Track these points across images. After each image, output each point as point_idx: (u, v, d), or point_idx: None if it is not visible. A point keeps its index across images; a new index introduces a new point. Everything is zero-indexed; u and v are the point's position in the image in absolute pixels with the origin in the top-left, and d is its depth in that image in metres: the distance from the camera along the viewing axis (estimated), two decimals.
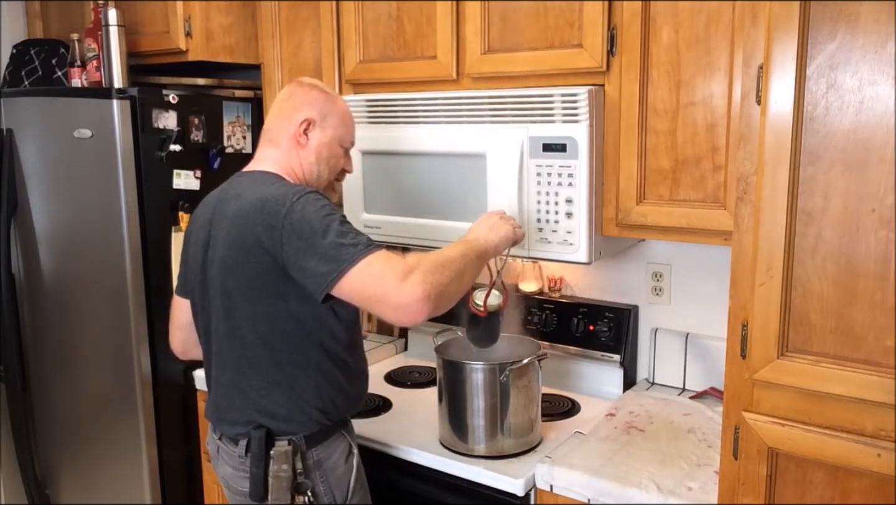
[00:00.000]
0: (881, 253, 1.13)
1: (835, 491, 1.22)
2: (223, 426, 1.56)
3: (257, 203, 1.41)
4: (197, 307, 1.59)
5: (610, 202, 1.73)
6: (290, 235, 1.35)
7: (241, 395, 1.51)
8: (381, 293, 1.30)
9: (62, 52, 2.61)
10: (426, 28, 1.95)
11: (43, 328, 2.54)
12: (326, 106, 1.57)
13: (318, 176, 1.58)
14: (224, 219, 1.47)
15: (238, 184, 1.53)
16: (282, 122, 1.56)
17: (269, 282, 1.41)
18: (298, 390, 1.48)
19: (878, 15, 1.10)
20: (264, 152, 1.57)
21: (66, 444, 2.56)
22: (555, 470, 1.59)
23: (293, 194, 1.39)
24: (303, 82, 1.61)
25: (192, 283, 1.59)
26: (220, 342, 1.53)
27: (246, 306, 1.45)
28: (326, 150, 1.57)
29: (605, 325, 2.02)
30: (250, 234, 1.40)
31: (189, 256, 1.60)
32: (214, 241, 1.49)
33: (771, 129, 1.20)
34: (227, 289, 1.46)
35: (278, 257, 1.37)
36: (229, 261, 1.45)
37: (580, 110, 1.65)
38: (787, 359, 1.23)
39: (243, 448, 1.50)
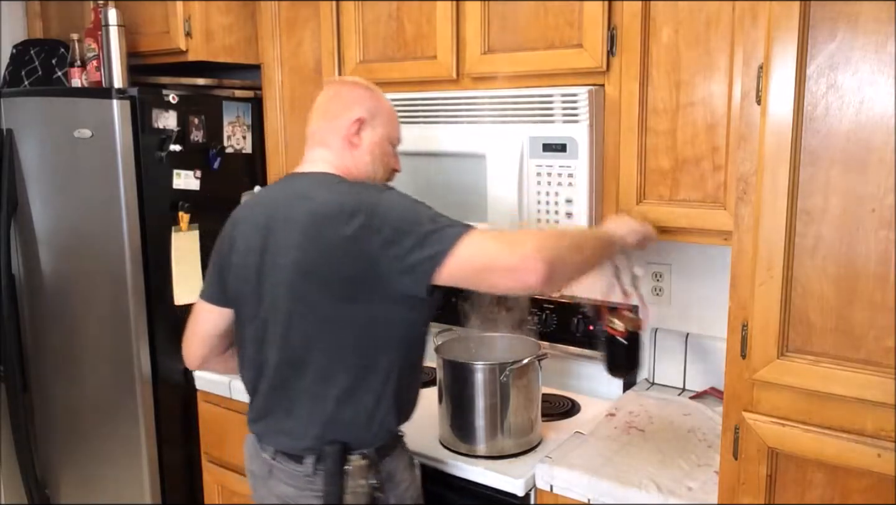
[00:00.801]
0: (881, 253, 1.13)
1: (835, 491, 1.22)
2: (284, 441, 1.45)
3: (337, 203, 1.35)
4: (245, 317, 1.49)
5: (610, 202, 1.73)
6: (385, 232, 1.29)
7: (314, 405, 1.40)
8: (490, 261, 1.25)
9: (62, 52, 2.61)
10: (426, 28, 1.95)
11: (43, 328, 2.54)
12: (374, 103, 1.51)
13: (374, 176, 1.52)
14: (291, 222, 1.38)
15: (297, 186, 1.46)
16: (330, 122, 1.49)
17: (358, 284, 1.33)
18: (376, 398, 1.39)
19: (878, 15, 1.10)
20: (316, 154, 1.50)
21: (66, 444, 2.56)
22: (555, 470, 1.59)
23: (375, 191, 1.37)
24: (346, 81, 1.55)
25: (240, 291, 1.48)
26: (284, 353, 1.42)
27: (328, 312, 1.36)
28: (379, 148, 1.51)
29: None
30: (334, 237, 1.32)
31: (232, 263, 1.49)
32: (277, 246, 1.40)
33: (771, 129, 1.20)
34: (302, 295, 1.37)
35: (371, 257, 1.30)
36: (307, 265, 1.35)
37: (580, 110, 1.65)
38: (787, 359, 1.23)
39: (310, 465, 1.41)
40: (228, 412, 2.25)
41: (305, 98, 2.30)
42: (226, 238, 1.53)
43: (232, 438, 2.26)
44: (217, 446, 2.33)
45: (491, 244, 1.27)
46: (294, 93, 2.34)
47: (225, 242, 1.53)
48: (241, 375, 1.57)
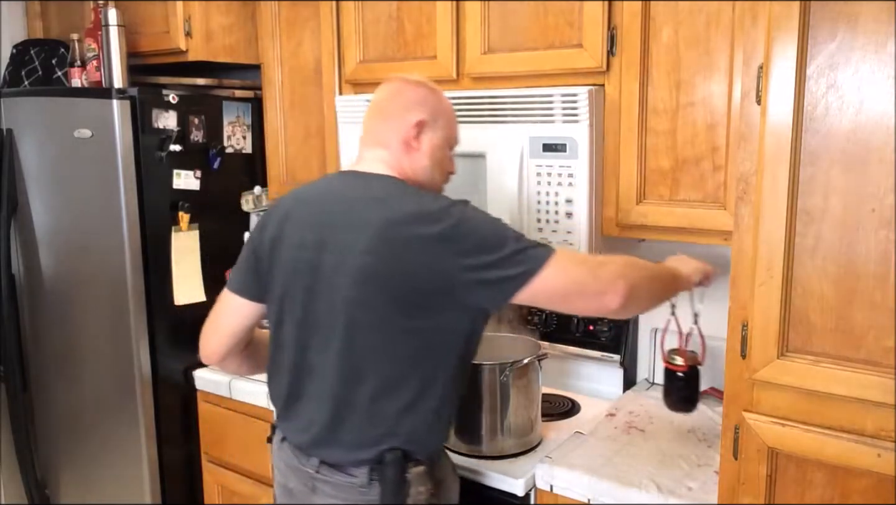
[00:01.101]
0: (881, 253, 1.13)
1: (835, 491, 1.22)
2: (333, 453, 1.39)
3: (417, 211, 1.31)
4: (284, 316, 1.42)
5: (610, 202, 1.73)
6: (468, 244, 1.27)
7: (373, 418, 1.35)
8: (575, 286, 1.29)
9: (62, 52, 2.61)
10: (426, 28, 1.95)
11: (43, 328, 2.54)
12: (436, 105, 1.46)
13: (432, 180, 1.47)
14: (363, 226, 1.31)
15: (364, 186, 1.39)
16: (389, 123, 1.43)
17: (429, 294, 1.29)
18: (434, 407, 1.36)
19: (878, 15, 1.10)
20: (371, 153, 1.44)
21: (66, 444, 2.56)
22: (555, 470, 1.59)
23: (450, 204, 1.33)
24: (408, 80, 1.48)
25: (283, 289, 1.41)
26: (334, 359, 1.36)
27: (395, 321, 1.31)
28: (439, 152, 1.46)
29: (605, 325, 2.02)
30: (410, 244, 1.28)
31: (278, 259, 1.42)
32: (343, 248, 1.33)
33: (771, 129, 1.20)
34: (368, 301, 1.31)
35: (448, 267, 1.27)
36: (377, 272, 1.30)
37: (580, 110, 1.65)
38: (787, 359, 1.23)
39: (365, 475, 1.36)
40: (228, 412, 2.25)
41: (305, 98, 2.31)
42: (269, 230, 1.45)
43: (232, 438, 2.26)
44: (217, 446, 2.33)
45: (576, 269, 1.30)
46: (294, 93, 2.34)
47: (267, 235, 1.45)
48: (273, 377, 1.49)
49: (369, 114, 1.47)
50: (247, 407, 2.19)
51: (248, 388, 2.16)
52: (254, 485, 2.22)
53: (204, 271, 2.34)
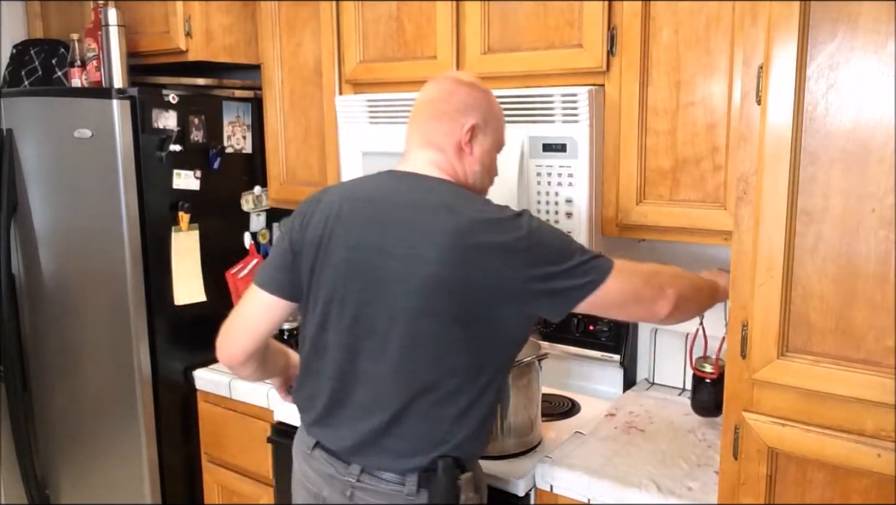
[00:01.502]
0: (881, 253, 1.13)
1: (835, 491, 1.22)
2: (380, 459, 1.35)
3: (484, 221, 1.28)
4: (330, 319, 1.37)
5: (610, 202, 1.73)
6: (537, 254, 1.27)
7: (425, 425, 1.33)
8: (633, 295, 1.35)
9: (62, 52, 2.61)
10: (426, 28, 1.95)
11: (43, 328, 2.54)
12: (488, 108, 1.43)
13: (482, 185, 1.46)
14: (432, 233, 1.28)
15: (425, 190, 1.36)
16: (443, 125, 1.39)
17: (494, 304, 1.28)
18: (479, 416, 1.35)
19: (878, 15, 1.10)
20: (422, 154, 1.41)
21: (66, 444, 2.56)
22: (555, 470, 1.59)
23: (516, 214, 1.32)
24: (461, 80, 1.44)
25: (332, 291, 1.36)
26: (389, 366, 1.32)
27: (457, 330, 1.29)
28: (488, 157, 1.45)
29: (605, 325, 2.02)
30: (482, 256, 1.26)
31: (325, 260, 1.37)
32: (402, 252, 1.29)
33: (771, 129, 1.20)
34: (438, 312, 1.28)
35: (516, 281, 1.26)
36: (448, 282, 1.26)
37: (580, 110, 1.65)
38: (787, 359, 1.23)
39: (414, 483, 1.33)
40: (228, 412, 2.25)
41: (305, 98, 2.31)
42: (314, 228, 1.39)
43: (232, 438, 2.26)
44: (217, 446, 2.33)
45: (635, 279, 1.35)
46: (294, 93, 2.34)
47: (312, 233, 1.38)
48: (308, 382, 1.45)
49: (419, 112, 1.43)
50: (247, 407, 2.19)
51: (248, 388, 2.16)
52: (254, 485, 2.22)
53: (204, 271, 2.34)
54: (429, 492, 1.33)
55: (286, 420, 2.02)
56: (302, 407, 1.48)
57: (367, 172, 2.01)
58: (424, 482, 1.33)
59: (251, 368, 1.52)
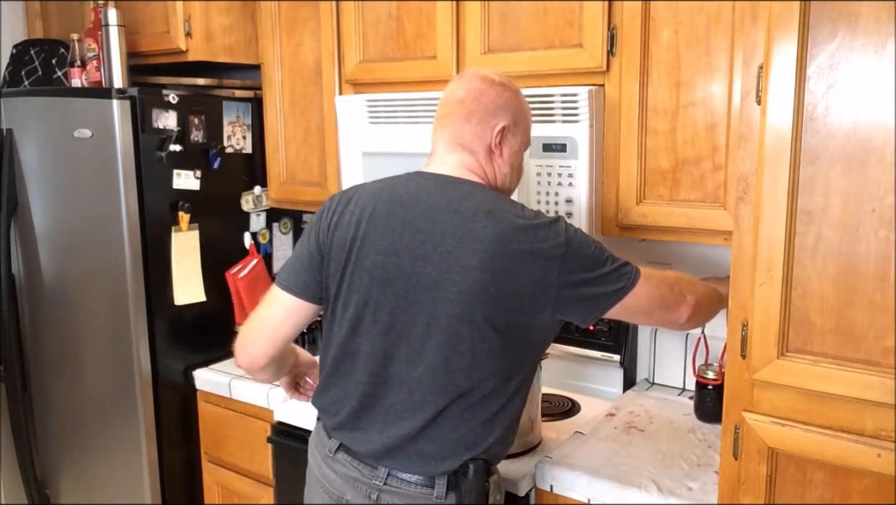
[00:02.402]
0: (881, 253, 1.13)
1: (835, 491, 1.22)
2: (410, 463, 1.34)
3: (523, 228, 1.27)
4: (363, 323, 1.35)
5: (610, 202, 1.73)
6: (571, 266, 1.28)
7: (459, 429, 1.32)
8: (658, 302, 1.39)
9: (62, 52, 2.61)
10: (426, 28, 1.95)
11: (43, 328, 2.54)
12: (518, 109, 1.42)
13: (510, 187, 1.46)
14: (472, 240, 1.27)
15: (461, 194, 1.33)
16: (473, 126, 1.37)
17: (528, 311, 1.29)
18: (507, 420, 1.36)
19: (878, 15, 1.10)
20: (453, 156, 1.39)
21: (66, 444, 2.56)
22: (555, 470, 1.59)
23: (552, 220, 1.31)
24: (493, 81, 1.40)
25: (365, 295, 1.34)
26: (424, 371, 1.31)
27: (493, 336, 1.29)
28: (517, 158, 1.44)
29: (605, 325, 2.02)
30: (521, 262, 1.26)
31: (357, 262, 1.35)
32: (442, 258, 1.28)
33: (771, 129, 1.20)
34: (478, 320, 1.27)
35: (552, 286, 1.27)
36: (490, 289, 1.26)
37: (580, 110, 1.65)
38: (787, 359, 1.23)
39: (443, 486, 1.32)
40: (228, 412, 2.25)
41: (305, 98, 2.31)
42: (343, 229, 1.37)
43: (232, 438, 2.26)
44: (217, 446, 2.32)
45: (660, 285, 1.40)
46: (294, 93, 2.34)
47: (342, 234, 1.37)
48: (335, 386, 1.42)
49: (448, 111, 1.40)
50: (247, 407, 2.19)
51: (248, 388, 2.16)
52: (254, 485, 2.22)
53: (204, 271, 2.34)
54: (458, 494, 1.33)
55: (286, 420, 2.02)
56: (325, 410, 1.46)
57: (367, 172, 2.03)
58: (454, 485, 1.33)
59: (270, 372, 1.51)
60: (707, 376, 1.81)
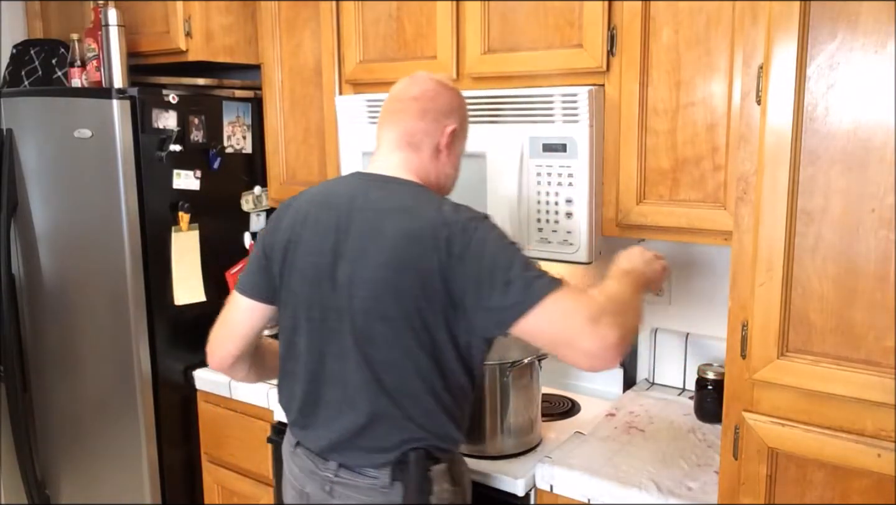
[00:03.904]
0: (881, 253, 1.13)
1: (835, 491, 1.22)
2: (355, 456, 1.38)
3: (434, 226, 1.27)
4: (299, 323, 1.40)
5: (610, 202, 1.73)
6: (473, 265, 1.24)
7: (390, 423, 1.35)
8: (570, 336, 1.21)
9: (62, 52, 2.61)
10: (426, 28, 1.95)
11: (43, 328, 2.54)
12: (464, 116, 1.46)
13: (449, 188, 1.47)
14: (382, 233, 1.30)
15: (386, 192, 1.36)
16: (427, 124, 1.39)
17: (440, 311, 1.28)
18: (449, 414, 1.37)
19: (878, 15, 1.10)
20: (398, 155, 1.40)
21: (66, 444, 2.56)
22: (555, 470, 1.59)
23: (474, 220, 1.29)
24: (446, 84, 1.45)
25: (299, 295, 1.39)
26: (353, 367, 1.34)
27: (404, 333, 1.30)
28: (459, 160, 1.47)
29: None
30: (427, 260, 1.25)
31: (293, 264, 1.39)
32: (361, 256, 1.31)
33: (771, 129, 1.20)
34: (383, 313, 1.29)
35: (454, 286, 1.25)
36: (395, 284, 1.28)
37: (580, 110, 1.65)
38: (787, 359, 1.23)
39: (387, 476, 1.35)
40: (228, 412, 2.25)
41: (305, 98, 2.31)
42: (282, 233, 1.41)
43: (232, 438, 2.26)
44: (217, 446, 2.33)
45: (572, 317, 1.20)
46: (294, 93, 2.34)
47: (280, 237, 1.41)
48: (285, 384, 1.48)
49: (401, 108, 1.41)
50: (247, 407, 2.19)
51: (248, 388, 2.16)
52: (254, 485, 2.23)
53: (204, 271, 2.34)
54: (403, 484, 1.35)
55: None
56: (284, 407, 1.51)
57: None
58: (398, 475, 1.35)
59: (243, 371, 1.57)
60: (706, 376, 1.81)
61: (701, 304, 1.96)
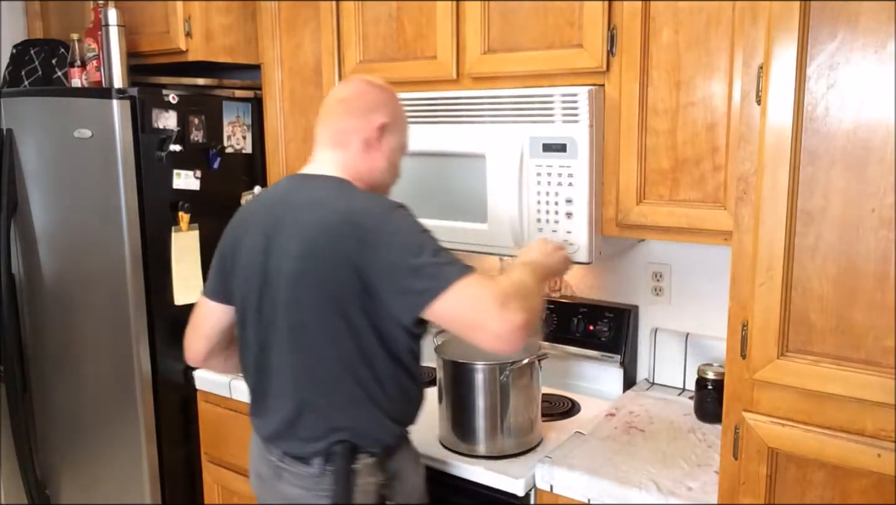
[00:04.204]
0: (881, 253, 1.13)
1: (835, 491, 1.22)
2: (292, 445, 1.45)
3: (345, 215, 1.34)
4: (247, 317, 1.48)
5: (610, 202, 1.73)
6: (383, 253, 1.29)
7: (317, 412, 1.41)
8: (479, 320, 1.25)
9: (62, 52, 2.61)
10: (426, 28, 1.95)
11: (43, 328, 2.54)
12: (396, 108, 1.52)
13: (383, 183, 1.52)
14: (298, 227, 1.37)
15: (308, 189, 1.44)
16: (354, 121, 1.46)
17: (354, 297, 1.32)
18: (380, 404, 1.41)
19: (878, 15, 1.10)
20: (328, 154, 1.47)
21: (66, 444, 2.56)
22: (555, 470, 1.59)
23: (386, 209, 1.35)
24: (372, 81, 1.52)
25: (244, 292, 1.47)
26: (287, 358, 1.42)
27: (325, 323, 1.35)
28: (395, 155, 1.51)
29: (605, 325, 2.02)
30: (336, 249, 1.32)
31: (238, 262, 1.48)
32: (282, 250, 1.39)
33: (771, 129, 1.20)
34: (306, 304, 1.36)
35: (366, 273, 1.30)
36: (310, 276, 1.35)
37: (580, 110, 1.65)
38: (787, 359, 1.23)
39: (319, 466, 1.41)
40: (228, 412, 2.25)
41: (305, 98, 2.30)
42: (230, 235, 1.52)
43: (232, 438, 2.26)
44: (217, 446, 2.33)
45: (481, 301, 1.25)
46: (294, 93, 2.34)
47: (229, 240, 1.52)
48: (243, 375, 1.56)
49: (330, 111, 1.50)
50: (247, 407, 2.18)
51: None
52: None
53: (204, 271, 2.34)
54: (333, 474, 1.40)
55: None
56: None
57: None
58: (327, 466, 1.41)
59: (220, 365, 1.67)
60: (707, 375, 1.81)
61: (701, 304, 1.96)
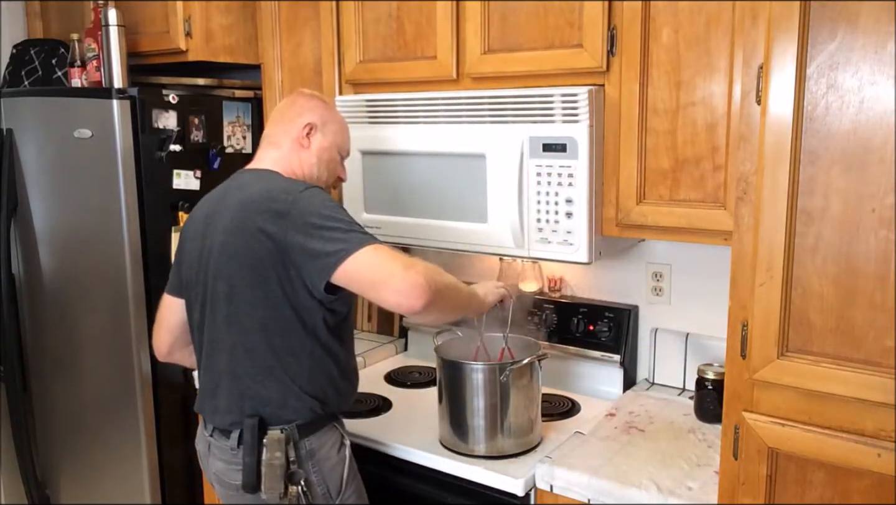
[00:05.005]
0: (881, 253, 1.13)
1: (835, 491, 1.22)
2: (216, 417, 1.56)
3: (263, 192, 1.48)
4: (193, 302, 1.60)
5: (610, 202, 1.73)
6: (297, 221, 1.41)
7: (234, 381, 1.51)
8: (383, 277, 1.37)
9: (62, 52, 2.61)
10: (426, 28, 1.95)
11: (43, 328, 2.54)
12: (327, 114, 1.66)
13: (318, 177, 1.65)
14: (225, 210, 1.52)
15: (239, 180, 1.59)
16: (284, 125, 1.63)
17: (270, 267, 1.44)
18: (292, 376, 1.49)
19: (878, 15, 1.10)
20: (265, 153, 1.63)
21: (66, 444, 2.56)
22: (555, 470, 1.59)
23: (301, 186, 1.48)
24: (304, 92, 1.70)
25: (189, 279, 1.60)
26: (216, 330, 1.53)
27: (246, 290, 1.47)
28: (326, 153, 1.65)
29: (605, 325, 2.02)
30: (253, 221, 1.45)
31: (185, 253, 1.62)
32: (214, 231, 1.53)
33: (771, 129, 1.20)
34: (227, 274, 1.49)
35: (282, 242, 1.41)
36: (231, 247, 1.48)
37: (580, 110, 1.65)
38: (787, 359, 1.23)
39: (235, 439, 1.51)
40: None
41: None
42: (183, 233, 1.66)
43: None
44: None
45: (388, 262, 1.38)
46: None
47: (182, 236, 1.65)
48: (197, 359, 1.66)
49: (269, 122, 1.68)
50: None
51: None
52: None
53: None
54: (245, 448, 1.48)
55: None
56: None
57: (366, 172, 2.04)
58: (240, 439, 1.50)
59: (185, 359, 1.76)
60: (707, 376, 1.81)
61: (701, 304, 1.96)
